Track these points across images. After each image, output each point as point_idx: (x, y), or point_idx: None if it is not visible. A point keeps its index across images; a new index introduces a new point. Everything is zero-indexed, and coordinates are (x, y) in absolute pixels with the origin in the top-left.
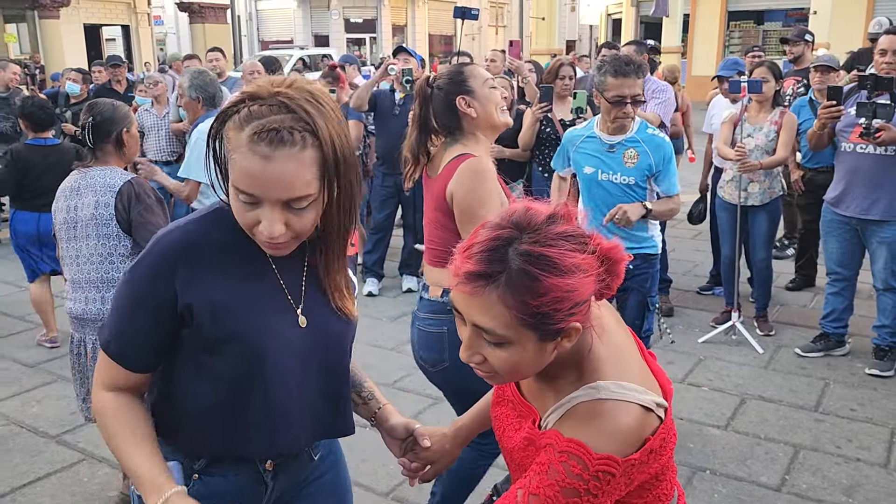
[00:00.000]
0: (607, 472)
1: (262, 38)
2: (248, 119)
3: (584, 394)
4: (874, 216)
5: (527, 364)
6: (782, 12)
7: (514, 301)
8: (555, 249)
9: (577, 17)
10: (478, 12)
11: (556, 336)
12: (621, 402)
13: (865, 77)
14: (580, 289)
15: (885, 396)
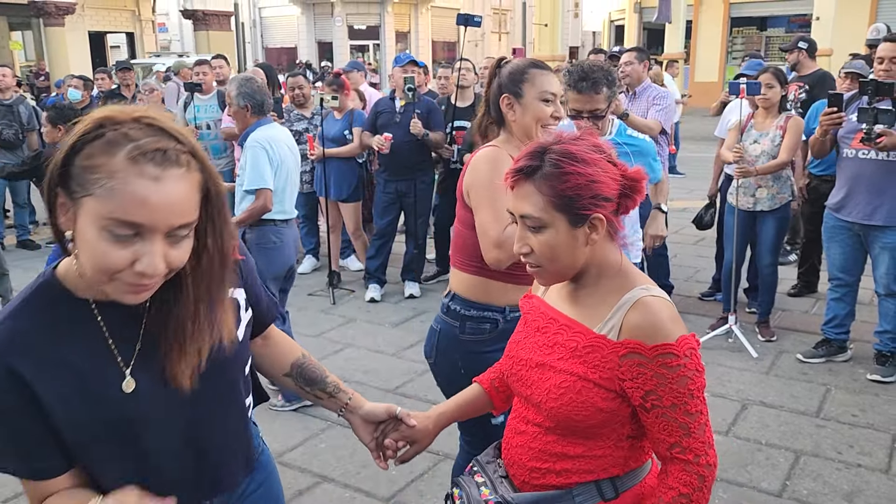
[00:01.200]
0: (691, 347)
1: (266, 45)
2: (117, 142)
3: (639, 292)
4: (876, 221)
5: (563, 249)
6: (785, 18)
7: (546, 187)
8: (576, 147)
9: (580, 23)
10: (480, 19)
11: (583, 222)
12: (666, 301)
13: (866, 83)
14: (600, 181)
15: (886, 402)
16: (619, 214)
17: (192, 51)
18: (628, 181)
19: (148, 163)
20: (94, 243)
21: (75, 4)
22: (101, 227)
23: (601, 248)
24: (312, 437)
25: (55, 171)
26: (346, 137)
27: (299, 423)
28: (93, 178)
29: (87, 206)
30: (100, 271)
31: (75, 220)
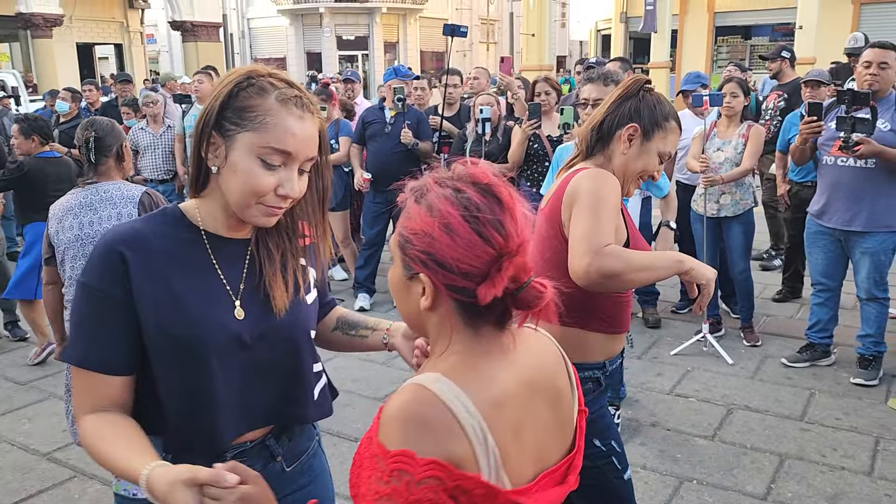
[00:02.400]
0: (402, 470)
1: (255, 56)
2: (265, 89)
3: (419, 377)
4: (856, 227)
5: (396, 291)
6: (769, 27)
7: (401, 218)
8: (439, 189)
9: (567, 33)
10: (466, 29)
11: (411, 274)
12: (441, 404)
13: (843, 92)
14: (437, 239)
15: (869, 405)
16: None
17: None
18: (498, 264)
19: (292, 105)
20: (249, 170)
21: (63, 16)
22: (257, 155)
23: (439, 325)
24: None
25: (211, 115)
26: (332, 146)
27: None
28: (252, 115)
29: (244, 139)
30: (249, 194)
31: (227, 155)
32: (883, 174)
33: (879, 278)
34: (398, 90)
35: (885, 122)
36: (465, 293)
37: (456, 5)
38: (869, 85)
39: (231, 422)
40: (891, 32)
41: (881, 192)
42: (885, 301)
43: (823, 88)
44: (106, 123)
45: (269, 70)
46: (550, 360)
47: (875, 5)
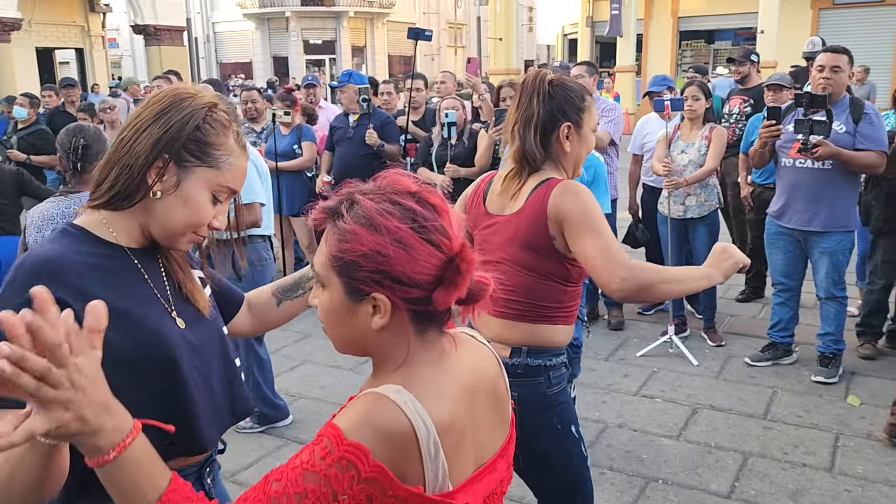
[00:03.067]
0: (351, 462)
1: (221, 61)
2: (226, 126)
3: (379, 388)
4: (815, 227)
5: (336, 318)
6: (731, 32)
7: (332, 241)
8: (374, 204)
9: (535, 37)
10: (431, 33)
11: (360, 297)
12: (402, 415)
13: (801, 95)
14: (391, 256)
15: (829, 402)
16: (436, 305)
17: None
18: (451, 268)
19: (243, 147)
20: (200, 203)
21: (21, 20)
22: (211, 191)
23: (394, 338)
24: (267, 456)
25: (173, 143)
26: (295, 152)
27: (254, 441)
28: (216, 153)
29: (202, 174)
30: (190, 224)
31: (178, 184)
32: (839, 175)
33: (838, 277)
34: (363, 90)
35: (840, 124)
36: (422, 301)
37: (423, 9)
38: (823, 88)
39: (209, 426)
40: (848, 36)
41: (838, 192)
42: (844, 300)
43: (785, 92)
44: (93, 131)
45: (213, 100)
46: (490, 365)
47: (833, 10)
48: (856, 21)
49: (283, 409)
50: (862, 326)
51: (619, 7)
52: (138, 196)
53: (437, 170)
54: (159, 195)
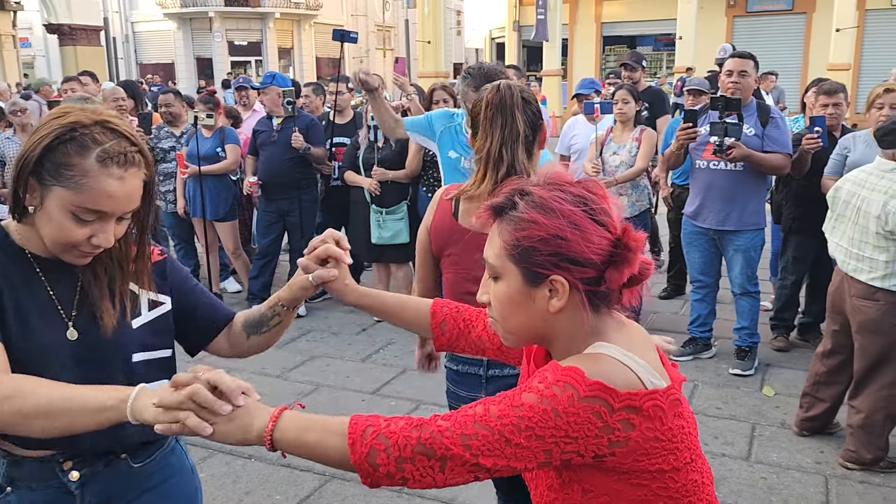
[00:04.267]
0: (568, 383)
1: (141, 61)
2: (87, 147)
3: (585, 351)
4: (729, 227)
5: (514, 308)
6: (652, 37)
7: (506, 232)
8: (546, 192)
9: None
10: (357, 35)
11: (538, 281)
12: (617, 362)
13: (717, 99)
14: (569, 238)
15: (746, 394)
16: (607, 284)
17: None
18: (621, 246)
19: (113, 165)
20: (59, 222)
21: None
22: (69, 211)
23: (570, 322)
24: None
25: (30, 161)
26: (218, 155)
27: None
28: (68, 174)
29: (58, 194)
30: (59, 244)
31: (42, 201)
32: (750, 177)
33: (751, 273)
34: (287, 93)
35: (750, 127)
36: (594, 281)
37: (351, 11)
38: (731, 92)
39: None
40: (760, 42)
41: (749, 193)
42: (757, 295)
43: (704, 96)
44: None
45: (96, 118)
46: None
47: (746, 17)
48: (767, 28)
49: None
50: (775, 320)
51: (544, 12)
52: (20, 210)
53: (364, 173)
54: (32, 210)
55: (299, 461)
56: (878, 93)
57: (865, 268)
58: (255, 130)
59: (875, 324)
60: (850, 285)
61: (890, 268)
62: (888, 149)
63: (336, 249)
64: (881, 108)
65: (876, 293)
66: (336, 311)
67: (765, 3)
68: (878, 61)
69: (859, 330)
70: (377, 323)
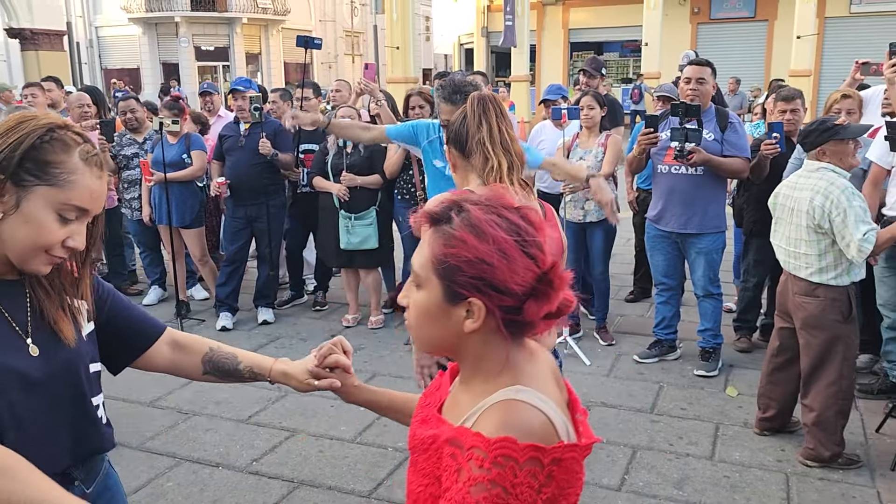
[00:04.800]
0: (507, 455)
1: (105, 66)
2: (69, 145)
3: (501, 395)
4: (691, 230)
5: (429, 318)
6: (619, 44)
7: (436, 244)
8: (483, 214)
9: (432, 46)
10: (321, 42)
11: (457, 300)
12: (534, 409)
13: (677, 105)
14: (495, 265)
15: (710, 395)
16: (524, 315)
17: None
18: (545, 282)
19: (94, 165)
20: (43, 223)
21: None
22: (55, 210)
23: (481, 345)
24: (158, 477)
25: (11, 165)
26: (184, 161)
27: (144, 462)
28: (55, 171)
29: (43, 193)
30: (38, 245)
31: (18, 204)
32: (710, 181)
33: (713, 276)
34: (255, 99)
35: (709, 132)
36: (512, 310)
37: (319, 17)
38: (691, 99)
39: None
40: (724, 48)
41: (710, 197)
42: (719, 296)
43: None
44: None
45: (65, 121)
46: None
47: (709, 24)
48: (730, 35)
49: None
50: (738, 322)
51: (512, 18)
52: None
53: (332, 179)
54: (1, 216)
55: (268, 468)
56: (835, 98)
57: (803, 264)
58: (221, 135)
59: (816, 319)
60: (793, 283)
61: (823, 261)
62: (811, 149)
63: (344, 360)
64: (838, 113)
65: (816, 289)
66: (304, 318)
67: (728, 11)
68: (838, 67)
69: (803, 327)
70: (346, 329)
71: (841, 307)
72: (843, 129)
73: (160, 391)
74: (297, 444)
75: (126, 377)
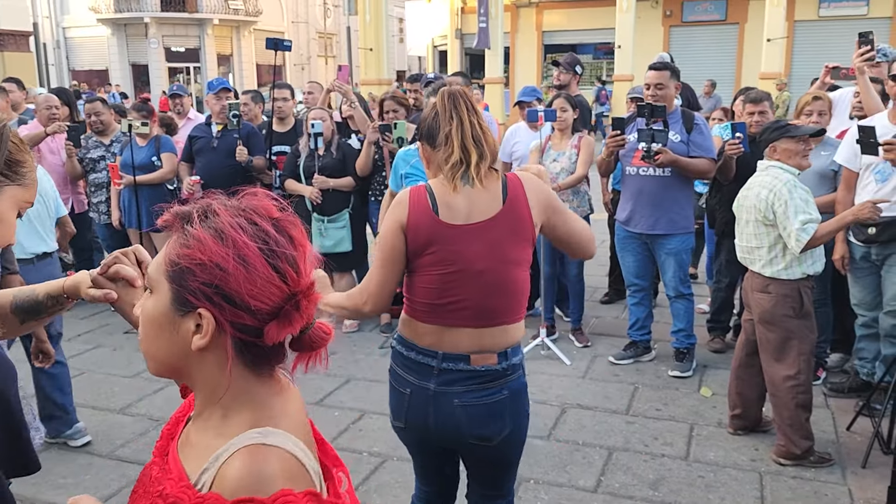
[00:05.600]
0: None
1: (73, 68)
2: (23, 142)
3: (251, 437)
4: (659, 231)
5: (157, 329)
6: (592, 46)
7: (174, 245)
8: (231, 217)
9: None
10: (290, 43)
11: (186, 309)
12: (287, 455)
13: (643, 106)
14: (229, 272)
15: (685, 395)
16: (266, 339)
17: None
18: (291, 303)
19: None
20: (10, 222)
21: None
22: (18, 209)
23: (211, 369)
24: (129, 485)
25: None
26: (154, 164)
27: (115, 470)
28: (22, 170)
29: (11, 192)
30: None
31: None
32: (678, 181)
33: (683, 276)
34: (233, 105)
35: (676, 133)
36: (251, 332)
37: (292, 18)
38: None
39: None
40: (695, 50)
41: (677, 197)
42: (691, 297)
43: None
44: None
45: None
46: None
47: (681, 27)
48: (702, 37)
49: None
50: (712, 322)
51: (486, 20)
52: None
53: (304, 181)
54: None
55: None
56: (807, 100)
57: (756, 258)
58: (191, 136)
59: (769, 315)
60: (750, 280)
61: (772, 252)
62: (765, 148)
63: (128, 271)
64: (810, 114)
65: (769, 285)
66: None
67: (699, 14)
68: (807, 70)
69: (759, 322)
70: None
71: (792, 303)
72: (794, 128)
73: (130, 398)
74: None
75: (97, 385)
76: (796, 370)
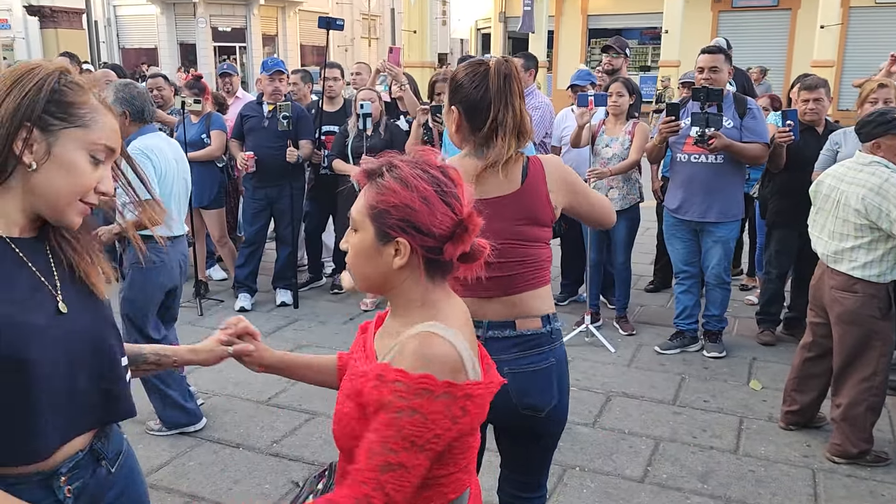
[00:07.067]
0: (426, 388)
1: (123, 46)
2: (84, 87)
3: (420, 328)
4: (711, 218)
5: (364, 259)
6: (638, 31)
7: (370, 194)
8: (409, 170)
9: (449, 30)
10: (343, 23)
11: (387, 239)
12: (446, 342)
13: (698, 90)
14: (418, 210)
15: (733, 387)
16: (445, 255)
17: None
18: (461, 227)
19: (107, 106)
20: (78, 165)
21: None
22: (86, 151)
23: (407, 281)
24: (180, 456)
25: (31, 109)
26: (203, 141)
27: (165, 441)
28: (80, 112)
29: (72, 135)
30: (77, 190)
31: (49, 150)
32: (730, 168)
33: (727, 264)
34: (283, 108)
35: (728, 119)
36: (434, 251)
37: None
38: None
39: (57, 427)
40: (745, 37)
41: (729, 184)
42: (729, 286)
43: None
44: None
45: (64, 66)
46: None
47: (731, 12)
48: (752, 23)
49: (195, 414)
50: (762, 315)
51: (531, 4)
52: (8, 170)
53: (352, 161)
54: (34, 166)
55: (288, 450)
56: (871, 88)
57: (846, 259)
58: (242, 114)
59: (852, 315)
60: (830, 277)
61: (871, 256)
62: (866, 141)
63: (252, 328)
64: (875, 103)
65: (855, 284)
66: (322, 300)
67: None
68: (862, 58)
69: (837, 321)
70: (364, 312)
71: (879, 303)
72: None
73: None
74: (317, 426)
75: None
76: (872, 371)
